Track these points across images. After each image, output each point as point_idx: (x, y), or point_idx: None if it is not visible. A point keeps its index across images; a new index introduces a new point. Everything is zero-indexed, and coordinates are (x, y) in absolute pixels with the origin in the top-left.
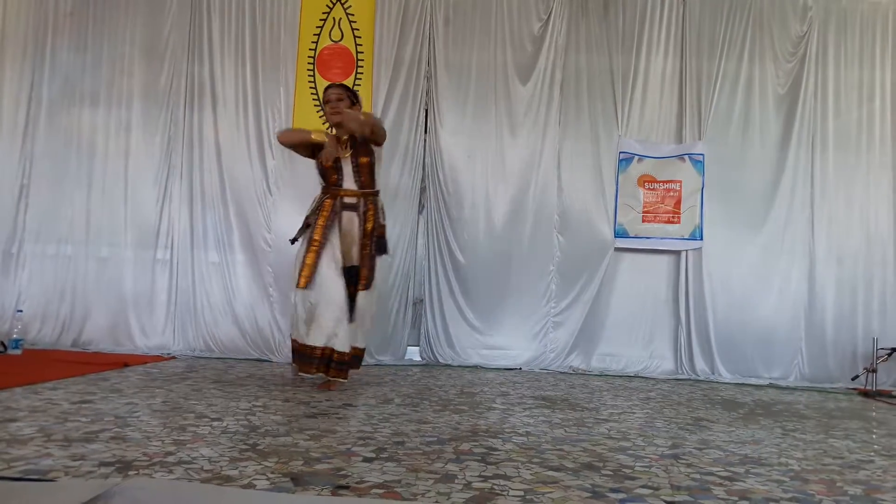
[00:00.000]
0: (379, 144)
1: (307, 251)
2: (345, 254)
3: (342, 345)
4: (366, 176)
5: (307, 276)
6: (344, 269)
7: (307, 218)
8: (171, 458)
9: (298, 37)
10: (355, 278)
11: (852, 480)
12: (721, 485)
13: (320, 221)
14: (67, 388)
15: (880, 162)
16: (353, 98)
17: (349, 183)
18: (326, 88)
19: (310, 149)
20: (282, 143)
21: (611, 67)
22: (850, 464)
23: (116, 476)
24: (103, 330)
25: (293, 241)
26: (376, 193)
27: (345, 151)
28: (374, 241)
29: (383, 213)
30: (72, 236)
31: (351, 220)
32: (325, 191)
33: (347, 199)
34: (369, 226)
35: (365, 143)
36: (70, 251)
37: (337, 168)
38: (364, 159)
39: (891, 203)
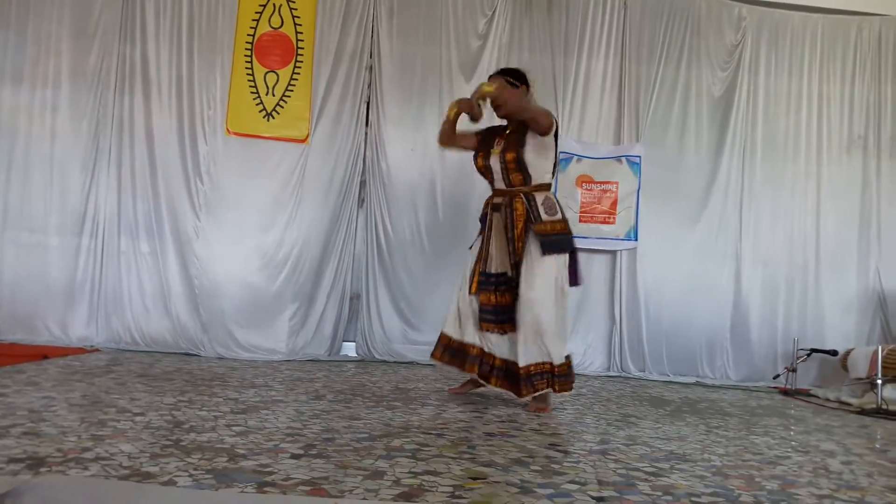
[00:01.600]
0: (542, 133)
1: (476, 259)
2: (492, 259)
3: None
4: (514, 174)
5: (477, 283)
6: (494, 276)
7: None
8: (87, 455)
9: (237, 21)
10: (508, 284)
11: (770, 476)
12: (646, 480)
13: (486, 225)
14: None
15: (805, 170)
16: (515, 82)
17: (499, 182)
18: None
19: (473, 140)
20: (443, 146)
21: (553, 67)
22: (768, 459)
23: (26, 473)
24: (22, 320)
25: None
26: (531, 190)
27: (496, 148)
28: (535, 241)
29: (548, 207)
30: None
31: (497, 222)
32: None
33: (496, 200)
34: (519, 226)
35: (520, 135)
36: None
37: (488, 167)
38: (510, 155)
39: (814, 210)
